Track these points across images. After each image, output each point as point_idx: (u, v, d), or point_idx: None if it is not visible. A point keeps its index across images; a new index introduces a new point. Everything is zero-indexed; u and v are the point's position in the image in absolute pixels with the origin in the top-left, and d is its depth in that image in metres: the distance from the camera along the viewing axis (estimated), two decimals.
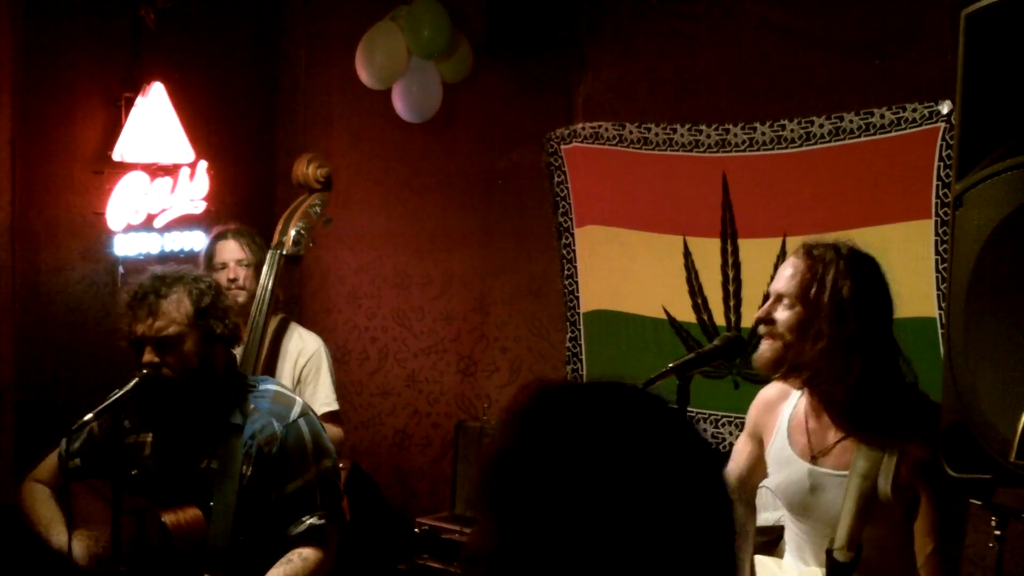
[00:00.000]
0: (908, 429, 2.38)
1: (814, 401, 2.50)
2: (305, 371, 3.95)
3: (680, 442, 1.11)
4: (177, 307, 2.74)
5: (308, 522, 2.75)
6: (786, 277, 2.45)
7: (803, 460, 2.51)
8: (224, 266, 3.91)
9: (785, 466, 2.56)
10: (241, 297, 3.85)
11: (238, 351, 3.12)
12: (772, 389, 2.67)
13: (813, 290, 2.40)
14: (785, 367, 2.45)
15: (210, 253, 3.97)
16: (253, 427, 2.77)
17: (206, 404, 2.79)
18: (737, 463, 2.77)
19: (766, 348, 2.46)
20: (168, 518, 2.69)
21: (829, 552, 2.42)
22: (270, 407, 2.81)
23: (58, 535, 2.80)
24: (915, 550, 2.38)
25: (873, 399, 2.41)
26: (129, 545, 2.74)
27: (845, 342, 2.37)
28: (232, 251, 3.93)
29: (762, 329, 2.47)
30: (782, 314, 2.43)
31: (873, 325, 2.39)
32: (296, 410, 2.83)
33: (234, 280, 3.89)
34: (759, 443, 2.70)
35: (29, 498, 2.95)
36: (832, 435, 2.48)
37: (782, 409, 2.62)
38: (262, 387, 2.89)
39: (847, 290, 2.37)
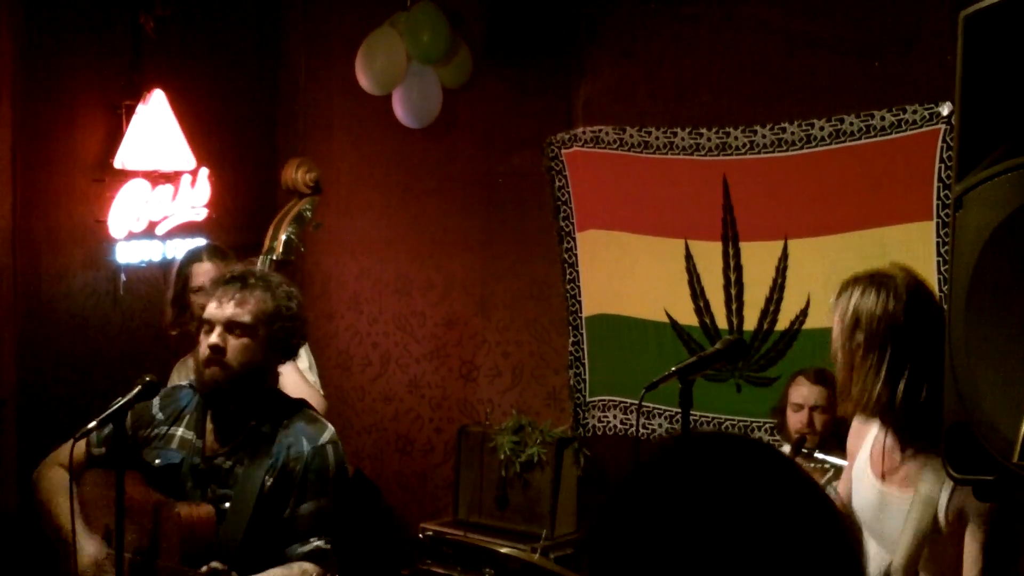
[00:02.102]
0: None
1: (885, 423, 2.54)
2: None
3: (795, 500, 1.09)
4: (260, 301, 2.79)
5: (315, 544, 2.78)
6: (855, 296, 2.49)
7: (875, 478, 2.54)
8: (201, 289, 3.49)
9: (860, 483, 2.60)
10: None
11: None
12: None
13: (867, 311, 2.44)
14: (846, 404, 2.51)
15: (184, 275, 3.71)
16: (282, 443, 2.81)
17: (248, 407, 2.83)
18: (840, 490, 2.79)
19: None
20: (182, 510, 2.72)
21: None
22: (303, 427, 2.85)
23: (76, 534, 2.77)
24: None
25: (928, 425, 2.42)
26: (140, 537, 2.75)
27: (889, 365, 2.41)
28: (210, 273, 3.55)
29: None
30: (835, 327, 2.48)
31: (921, 353, 2.41)
32: (327, 435, 2.86)
33: None
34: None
35: (47, 484, 2.92)
36: (900, 456, 2.51)
37: (871, 429, 2.65)
38: (298, 407, 2.94)
39: (900, 316, 2.42)
